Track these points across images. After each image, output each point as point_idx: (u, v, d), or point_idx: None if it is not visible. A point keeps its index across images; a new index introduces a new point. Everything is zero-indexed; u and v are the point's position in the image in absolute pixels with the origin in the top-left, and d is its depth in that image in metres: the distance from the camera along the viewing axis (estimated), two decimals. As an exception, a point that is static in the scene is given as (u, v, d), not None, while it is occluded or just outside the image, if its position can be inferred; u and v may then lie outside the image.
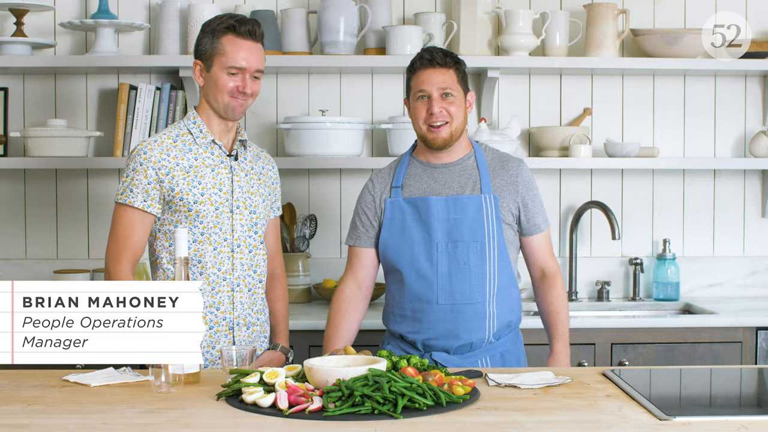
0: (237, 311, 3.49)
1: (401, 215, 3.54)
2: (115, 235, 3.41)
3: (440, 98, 3.48)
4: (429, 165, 3.58)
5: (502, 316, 3.50)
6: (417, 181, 3.56)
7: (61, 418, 2.63)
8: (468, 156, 3.57)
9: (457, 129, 3.50)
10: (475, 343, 3.48)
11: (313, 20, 4.82)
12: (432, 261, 3.48)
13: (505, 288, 3.51)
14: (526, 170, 3.57)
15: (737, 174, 5.04)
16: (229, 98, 3.43)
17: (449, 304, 3.46)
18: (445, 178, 3.54)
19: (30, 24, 4.77)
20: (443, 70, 3.49)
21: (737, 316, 4.39)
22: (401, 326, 3.57)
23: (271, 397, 2.67)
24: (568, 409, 2.70)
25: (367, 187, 3.66)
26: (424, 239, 3.49)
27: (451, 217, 3.47)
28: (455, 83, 3.49)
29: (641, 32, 4.77)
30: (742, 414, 2.69)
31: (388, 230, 3.56)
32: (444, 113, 3.48)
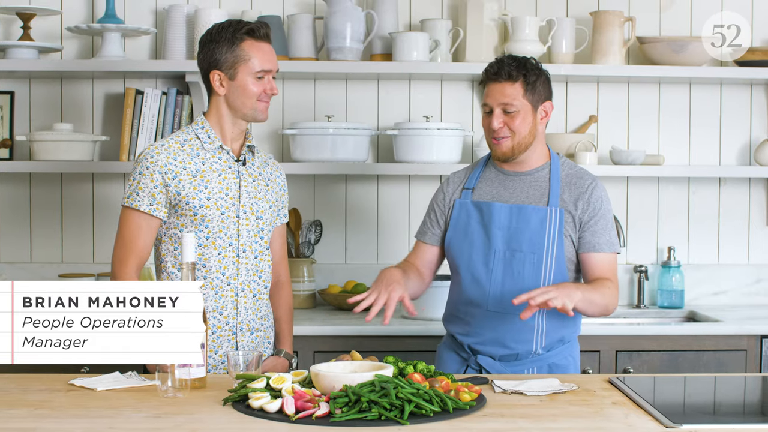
0: (240, 316, 3.49)
1: (466, 217, 3.54)
2: (121, 238, 3.42)
3: (501, 113, 3.45)
4: (502, 171, 3.57)
5: (552, 331, 3.47)
6: (488, 186, 3.56)
7: (67, 422, 2.63)
8: (543, 167, 3.54)
9: (521, 143, 3.46)
10: (522, 354, 3.47)
11: (319, 26, 4.83)
12: (488, 267, 3.48)
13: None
14: (599, 188, 3.50)
15: (742, 182, 5.04)
16: (257, 102, 3.44)
17: (499, 312, 3.45)
18: (515, 186, 3.53)
19: (37, 28, 4.78)
20: (507, 83, 3.44)
21: (742, 324, 4.39)
22: (454, 327, 3.58)
23: (277, 402, 2.67)
24: (575, 416, 2.70)
25: (442, 184, 3.68)
26: (483, 244, 3.49)
27: (512, 225, 3.46)
28: (519, 97, 3.43)
29: (647, 40, 4.78)
30: (747, 422, 2.69)
31: (453, 230, 3.56)
32: (504, 128, 3.45)
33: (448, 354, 3.61)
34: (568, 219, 3.45)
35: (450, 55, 4.80)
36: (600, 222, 3.46)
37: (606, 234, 3.47)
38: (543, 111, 3.50)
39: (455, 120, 4.88)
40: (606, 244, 3.46)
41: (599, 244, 3.45)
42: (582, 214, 3.46)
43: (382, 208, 4.96)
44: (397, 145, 4.69)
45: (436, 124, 4.63)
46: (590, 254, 3.45)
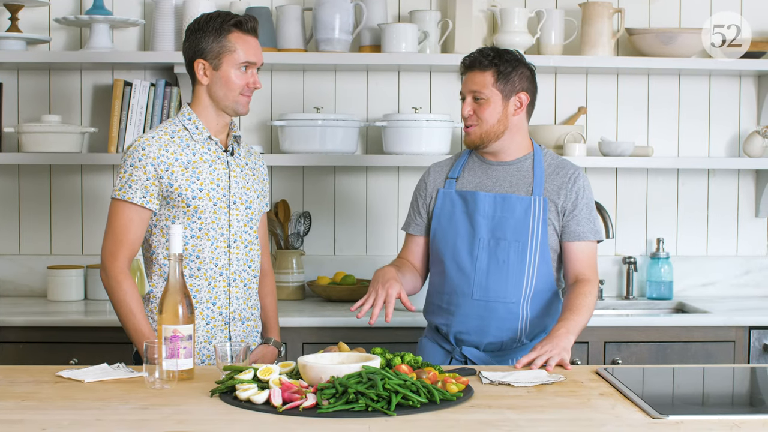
0: (233, 306, 3.49)
1: (451, 206, 3.55)
2: (112, 230, 3.40)
3: (472, 101, 3.50)
4: (485, 161, 3.58)
5: (536, 319, 3.49)
6: (472, 175, 3.57)
7: (54, 413, 2.62)
8: (525, 157, 3.55)
9: (489, 132, 3.48)
10: (506, 343, 3.49)
11: (308, 17, 4.82)
12: (472, 255, 3.49)
13: (543, 291, 3.49)
14: (582, 178, 3.52)
15: (731, 174, 5.05)
16: (239, 95, 3.43)
17: (483, 301, 3.47)
18: (499, 175, 3.54)
19: (25, 19, 4.77)
20: (478, 72, 3.48)
21: (730, 315, 4.40)
22: (437, 317, 3.59)
23: (264, 393, 2.67)
24: (562, 407, 2.70)
25: (424, 174, 3.69)
26: (468, 233, 3.51)
27: (497, 214, 3.47)
28: (489, 86, 3.46)
29: (636, 31, 4.78)
30: (735, 413, 2.70)
31: (437, 220, 3.58)
32: (474, 117, 3.49)
33: (431, 346, 3.62)
34: (551, 208, 3.47)
35: (439, 46, 4.80)
36: (583, 211, 3.49)
37: (590, 222, 3.50)
38: (517, 101, 3.50)
39: (444, 111, 4.88)
40: (590, 232, 3.49)
41: (583, 232, 3.48)
42: (565, 203, 3.48)
43: (371, 200, 4.96)
44: (386, 137, 4.69)
45: (425, 116, 4.62)
46: (573, 243, 3.48)
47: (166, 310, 2.95)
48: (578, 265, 3.49)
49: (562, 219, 3.48)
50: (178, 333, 2.93)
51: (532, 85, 3.55)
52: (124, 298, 3.35)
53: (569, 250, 3.49)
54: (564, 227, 3.48)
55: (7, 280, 4.87)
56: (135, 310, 3.35)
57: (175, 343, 2.92)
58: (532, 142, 3.60)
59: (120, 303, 3.36)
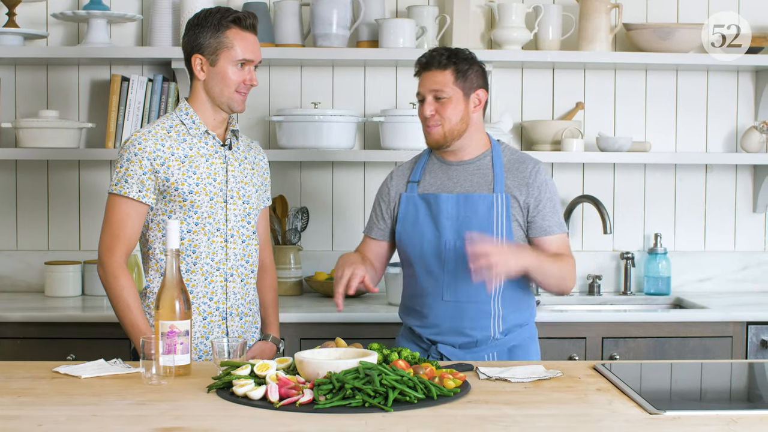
0: (230, 301, 3.49)
1: (414, 210, 3.54)
2: (109, 225, 3.40)
3: (433, 100, 3.49)
4: (444, 162, 3.57)
5: (509, 315, 3.48)
6: (433, 177, 3.56)
7: (51, 409, 2.62)
8: (484, 155, 3.55)
9: (452, 130, 3.48)
10: (481, 340, 3.48)
11: (305, 12, 4.82)
12: (440, 258, 3.48)
13: (512, 288, 3.48)
14: (542, 171, 3.52)
15: (729, 169, 5.05)
16: (235, 92, 3.43)
17: (453, 301, 3.46)
18: (459, 175, 3.53)
19: (22, 14, 4.77)
20: (437, 71, 3.48)
21: (728, 310, 4.40)
22: (411, 319, 3.58)
23: (261, 389, 2.67)
24: (559, 402, 2.70)
25: (386, 179, 3.68)
26: (433, 236, 3.49)
27: (461, 215, 3.46)
28: (450, 84, 3.46)
29: (634, 27, 4.78)
30: (732, 408, 2.70)
31: (402, 224, 3.56)
32: (436, 116, 3.48)
33: (407, 345, 3.60)
34: (514, 204, 3.46)
35: (437, 41, 4.79)
36: (548, 205, 3.48)
37: (555, 216, 3.49)
38: (476, 99, 3.51)
39: (442, 107, 4.87)
40: (556, 225, 3.49)
41: (550, 227, 3.47)
42: (528, 199, 3.47)
43: (369, 195, 4.95)
44: (383, 132, 4.69)
45: (422, 111, 4.62)
46: (543, 238, 3.47)
47: (163, 305, 2.95)
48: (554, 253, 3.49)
49: (527, 215, 3.47)
50: (175, 328, 2.93)
51: (486, 82, 3.56)
52: (121, 293, 3.35)
53: (541, 246, 3.48)
54: (530, 223, 3.47)
55: (4, 276, 4.86)
56: (132, 306, 3.35)
57: (171, 339, 2.92)
58: (490, 139, 3.60)
59: (117, 298, 3.36)
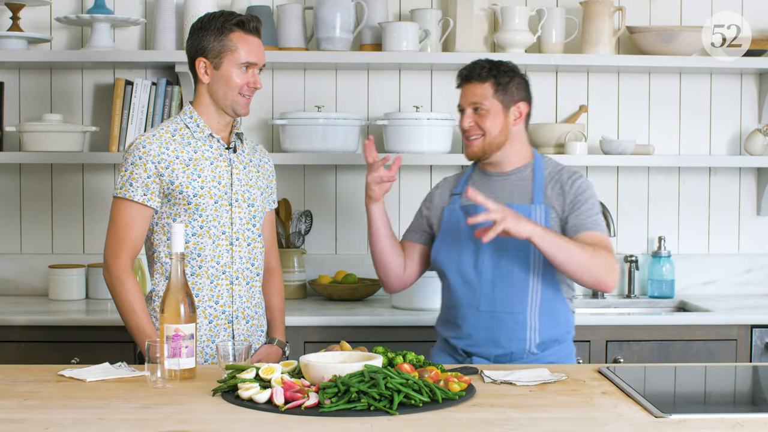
0: (236, 304, 3.49)
1: (456, 222, 3.55)
2: (114, 229, 3.40)
3: (472, 113, 3.51)
4: (485, 173, 3.59)
5: (545, 329, 3.47)
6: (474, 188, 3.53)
7: (56, 413, 2.62)
8: (526, 166, 3.55)
9: (491, 143, 3.49)
10: (516, 353, 3.46)
11: (309, 16, 4.82)
12: (477, 268, 3.48)
13: (550, 300, 3.47)
14: (581, 181, 3.49)
15: (732, 172, 5.05)
16: (238, 96, 3.43)
17: (490, 312, 3.46)
18: (500, 187, 3.53)
19: (26, 19, 4.77)
20: (477, 84, 3.50)
21: (732, 313, 4.40)
22: (446, 331, 3.58)
23: (267, 392, 2.67)
24: (564, 406, 2.70)
25: (432, 189, 3.73)
26: (472, 246, 3.49)
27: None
28: (489, 97, 3.47)
29: (637, 29, 4.78)
30: (737, 412, 2.69)
31: (442, 237, 3.58)
32: (475, 128, 3.50)
33: (442, 357, 3.59)
34: (552, 215, 3.45)
35: (440, 45, 4.79)
36: (584, 206, 3.45)
37: (592, 216, 3.44)
38: (516, 112, 3.51)
39: (445, 110, 4.87)
40: (591, 224, 3.43)
41: (583, 224, 3.42)
42: (565, 205, 3.46)
43: (373, 199, 4.95)
44: (387, 135, 4.69)
45: (425, 114, 4.62)
46: (578, 235, 3.40)
47: (168, 309, 2.95)
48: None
49: (564, 221, 3.45)
50: (180, 332, 2.93)
51: (529, 94, 3.57)
52: (127, 297, 3.35)
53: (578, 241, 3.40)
54: (567, 224, 3.45)
55: (8, 280, 4.87)
56: (137, 309, 3.35)
57: (177, 342, 2.92)
58: (533, 151, 3.59)
59: (122, 302, 3.36)
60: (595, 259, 3.31)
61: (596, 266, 3.32)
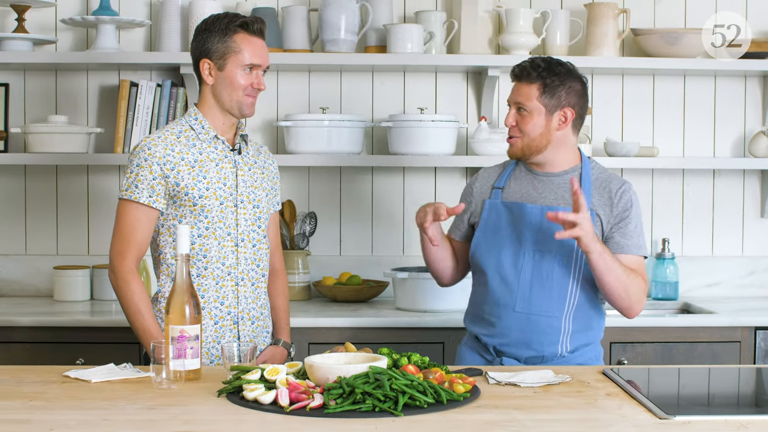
0: (241, 305, 3.49)
1: (497, 217, 3.52)
2: (120, 231, 3.41)
3: (515, 112, 3.47)
4: (532, 172, 3.54)
5: (578, 333, 3.46)
6: (518, 185, 3.53)
7: (61, 413, 2.63)
8: (573, 169, 3.50)
9: (530, 145, 3.44)
10: (547, 356, 3.45)
11: (314, 18, 4.82)
12: (517, 267, 3.45)
13: (585, 306, 3.46)
14: (629, 191, 3.47)
15: (736, 174, 5.05)
16: (243, 96, 3.44)
17: (525, 313, 3.43)
18: (545, 187, 3.49)
19: (31, 20, 4.78)
20: (525, 84, 3.44)
21: (736, 315, 4.40)
22: (477, 327, 3.55)
23: (272, 394, 2.67)
24: (568, 407, 2.70)
25: (471, 180, 3.67)
26: (513, 244, 3.47)
27: (543, 226, 3.40)
28: (533, 99, 3.42)
29: (641, 32, 4.78)
30: (742, 413, 2.70)
31: (482, 230, 3.54)
32: (515, 128, 3.46)
33: (470, 354, 3.58)
34: (597, 222, 3.41)
35: (444, 47, 4.80)
36: (630, 225, 3.43)
37: (635, 237, 3.43)
38: (562, 116, 3.44)
39: (450, 112, 4.88)
40: (635, 246, 3.42)
41: (628, 246, 3.41)
42: (611, 217, 3.43)
43: (377, 200, 4.96)
44: (391, 137, 4.69)
45: (430, 116, 4.63)
46: (618, 256, 3.38)
47: (173, 310, 2.96)
48: None
49: (608, 232, 3.43)
50: (185, 333, 2.93)
51: (581, 99, 3.49)
52: (132, 298, 3.36)
53: None
54: (608, 239, 3.42)
55: (13, 281, 4.87)
56: (143, 310, 3.36)
57: (182, 343, 2.93)
58: (581, 154, 3.54)
59: (128, 303, 3.37)
60: (633, 287, 3.35)
61: (633, 294, 3.37)
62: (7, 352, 4.18)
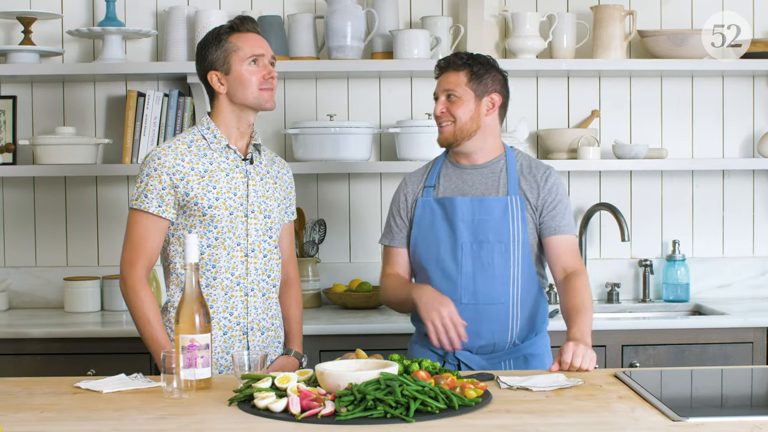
0: (251, 316, 3.49)
1: (431, 214, 3.57)
2: (130, 240, 3.41)
3: (445, 99, 3.56)
4: (458, 166, 3.61)
5: (525, 318, 3.52)
6: (448, 182, 3.60)
7: (73, 425, 2.63)
8: (498, 159, 3.59)
9: (462, 129, 3.52)
10: (498, 344, 3.51)
11: (320, 25, 4.83)
12: (457, 261, 3.50)
13: (529, 290, 3.52)
14: (554, 175, 3.57)
15: (746, 174, 5.03)
16: (259, 91, 3.44)
17: (472, 304, 3.48)
18: (473, 179, 3.57)
19: (38, 32, 4.79)
20: (452, 72, 3.55)
21: (747, 316, 4.39)
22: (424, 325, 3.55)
23: (283, 401, 2.67)
24: (581, 411, 2.70)
25: (400, 187, 3.70)
26: (449, 239, 3.52)
27: (476, 217, 3.50)
28: (462, 85, 3.52)
29: (648, 33, 4.77)
30: (755, 414, 2.68)
31: (418, 228, 3.59)
32: (446, 114, 3.54)
33: (421, 351, 3.61)
34: (527, 206, 3.51)
35: (451, 52, 4.79)
36: (558, 206, 3.52)
37: (566, 217, 3.53)
38: (489, 102, 3.54)
39: (457, 117, 4.87)
40: (566, 226, 3.52)
41: (560, 227, 3.51)
42: (539, 200, 3.52)
43: (386, 207, 4.95)
44: (399, 143, 4.69)
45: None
46: (554, 237, 3.51)
47: (183, 319, 2.96)
48: (563, 258, 3.51)
49: (538, 216, 3.52)
50: (196, 342, 2.93)
51: (505, 89, 3.61)
52: (141, 308, 3.36)
53: (551, 245, 3.51)
54: (542, 224, 3.52)
55: (24, 292, 4.88)
56: (152, 320, 3.35)
57: (192, 353, 2.93)
58: (504, 145, 3.63)
59: (137, 312, 3.37)
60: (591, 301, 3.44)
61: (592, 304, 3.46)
62: (18, 363, 4.19)
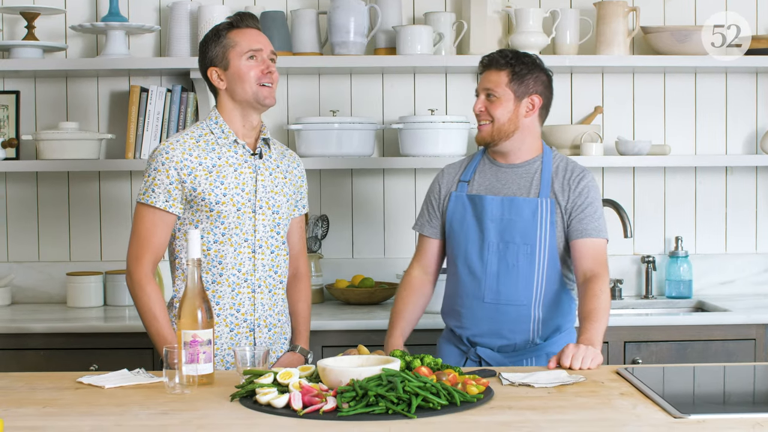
0: (258, 312, 3.48)
1: (462, 210, 3.59)
2: (136, 235, 3.41)
3: (484, 98, 3.55)
4: (495, 163, 3.61)
5: (549, 320, 3.51)
6: (482, 178, 3.60)
7: (75, 420, 2.63)
8: (534, 159, 3.58)
9: (500, 130, 3.52)
10: (519, 344, 3.52)
11: (323, 21, 4.82)
12: (483, 259, 3.52)
13: (553, 292, 3.51)
14: (587, 178, 3.53)
15: (749, 171, 5.03)
16: (257, 86, 3.43)
17: (494, 304, 3.50)
18: (507, 178, 3.57)
19: (41, 27, 4.79)
20: (494, 71, 3.54)
21: (750, 313, 4.38)
22: (451, 320, 3.63)
23: (285, 397, 2.67)
24: (583, 407, 2.70)
25: (438, 175, 3.72)
26: (477, 237, 3.54)
27: (504, 217, 3.50)
28: (503, 85, 3.51)
29: (651, 30, 4.77)
30: (757, 411, 2.68)
31: (450, 223, 3.61)
32: (484, 113, 3.54)
33: (447, 347, 3.65)
34: (557, 209, 3.49)
35: (454, 47, 4.79)
36: (587, 209, 3.49)
37: (594, 221, 3.49)
38: (529, 103, 3.53)
39: (460, 113, 4.87)
40: (593, 230, 3.48)
41: (587, 230, 3.47)
42: (568, 203, 3.49)
43: (389, 202, 4.95)
44: (402, 139, 4.69)
45: (440, 117, 4.63)
46: (579, 240, 3.47)
47: (185, 314, 2.96)
48: (585, 262, 3.46)
49: (567, 218, 3.49)
50: (198, 338, 2.93)
51: (547, 90, 3.58)
52: (147, 302, 3.36)
53: (575, 248, 3.48)
54: (569, 225, 3.49)
55: (26, 287, 4.88)
56: (158, 315, 3.36)
57: (194, 348, 2.93)
58: (543, 145, 3.62)
59: (143, 307, 3.37)
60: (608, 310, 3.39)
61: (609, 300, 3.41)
62: (21, 358, 4.19)
